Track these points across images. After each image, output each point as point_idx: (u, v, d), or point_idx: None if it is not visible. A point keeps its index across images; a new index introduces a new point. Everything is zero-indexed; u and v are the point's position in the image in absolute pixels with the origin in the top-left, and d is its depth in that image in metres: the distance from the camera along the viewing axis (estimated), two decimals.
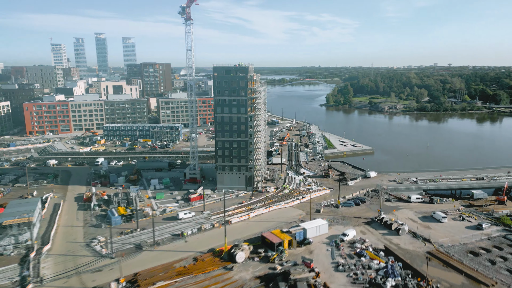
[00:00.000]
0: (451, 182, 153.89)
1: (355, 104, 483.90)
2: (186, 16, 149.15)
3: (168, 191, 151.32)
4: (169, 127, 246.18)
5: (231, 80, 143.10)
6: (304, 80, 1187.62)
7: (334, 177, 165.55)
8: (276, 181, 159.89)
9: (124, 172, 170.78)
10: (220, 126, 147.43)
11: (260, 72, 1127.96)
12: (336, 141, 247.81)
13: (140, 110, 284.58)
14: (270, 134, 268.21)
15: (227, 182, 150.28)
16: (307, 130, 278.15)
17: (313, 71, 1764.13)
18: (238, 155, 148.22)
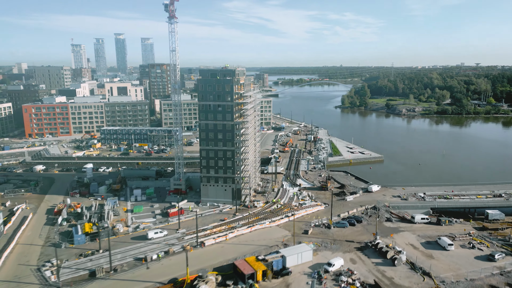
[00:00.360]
0: (464, 200, 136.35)
1: (372, 106, 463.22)
2: (170, 14, 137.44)
3: (150, 203, 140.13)
4: (167, 131, 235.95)
5: (216, 84, 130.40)
6: (323, 80, 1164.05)
7: (333, 190, 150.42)
8: (268, 194, 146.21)
9: (109, 180, 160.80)
10: (205, 133, 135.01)
11: (280, 72, 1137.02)
12: (344, 148, 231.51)
13: (142, 112, 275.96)
14: (274, 138, 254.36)
15: (212, 195, 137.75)
16: (313, 135, 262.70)
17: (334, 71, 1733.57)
18: (224, 165, 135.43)
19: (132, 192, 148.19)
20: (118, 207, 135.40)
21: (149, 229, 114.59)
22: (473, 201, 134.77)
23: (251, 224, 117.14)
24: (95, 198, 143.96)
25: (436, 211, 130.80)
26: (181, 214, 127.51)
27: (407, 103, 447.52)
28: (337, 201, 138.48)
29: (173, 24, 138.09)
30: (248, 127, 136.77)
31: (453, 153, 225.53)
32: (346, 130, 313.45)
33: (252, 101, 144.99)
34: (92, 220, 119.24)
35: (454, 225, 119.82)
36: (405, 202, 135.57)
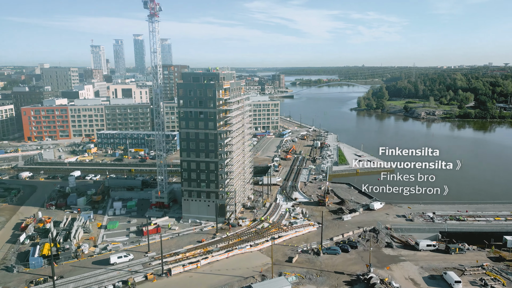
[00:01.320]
0: (479, 222, 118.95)
1: (389, 108, 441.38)
2: (150, 12, 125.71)
3: (128, 218, 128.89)
4: (166, 135, 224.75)
5: (198, 89, 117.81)
6: (341, 81, 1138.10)
7: (331, 206, 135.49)
8: (257, 210, 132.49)
9: (92, 190, 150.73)
10: (186, 143, 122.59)
11: (300, 72, 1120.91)
12: (352, 155, 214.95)
13: (143, 115, 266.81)
14: (278, 144, 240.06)
15: (194, 211, 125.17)
16: (321, 141, 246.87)
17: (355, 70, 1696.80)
18: (207, 179, 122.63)
19: (112, 205, 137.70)
20: (92, 222, 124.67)
21: (114, 251, 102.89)
22: (489, 224, 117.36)
23: (229, 248, 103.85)
24: (72, 211, 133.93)
25: (446, 235, 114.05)
26: (158, 232, 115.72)
27: (427, 105, 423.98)
28: (332, 220, 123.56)
29: (154, 23, 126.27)
30: (233, 137, 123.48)
31: (472, 163, 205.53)
32: (358, 134, 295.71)
33: (240, 108, 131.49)
34: (57, 239, 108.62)
35: (466, 253, 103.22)
36: (410, 223, 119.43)
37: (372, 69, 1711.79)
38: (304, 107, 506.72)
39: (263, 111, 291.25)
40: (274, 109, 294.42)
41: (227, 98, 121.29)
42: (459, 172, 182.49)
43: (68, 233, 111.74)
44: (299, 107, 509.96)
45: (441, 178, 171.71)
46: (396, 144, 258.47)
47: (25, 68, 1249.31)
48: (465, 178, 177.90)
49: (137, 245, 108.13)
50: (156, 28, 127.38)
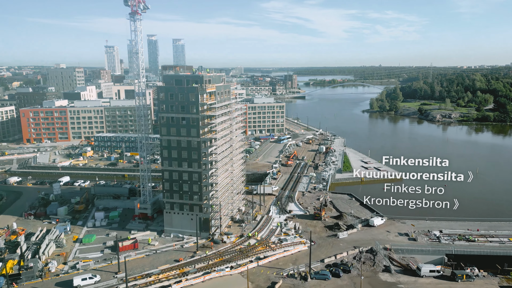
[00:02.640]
0: (492, 244, 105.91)
1: (403, 110, 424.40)
2: (131, 10, 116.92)
3: (107, 230, 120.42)
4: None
5: (179, 93, 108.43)
6: (356, 81, 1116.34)
7: (327, 221, 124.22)
8: (246, 224, 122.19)
9: (76, 198, 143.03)
10: (167, 152, 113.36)
11: (315, 72, 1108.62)
12: (357, 162, 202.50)
13: (144, 117, 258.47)
14: (281, 148, 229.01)
15: (176, 225, 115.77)
16: (326, 145, 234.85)
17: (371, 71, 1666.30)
18: (189, 190, 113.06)
19: (93, 215, 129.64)
20: (68, 234, 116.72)
21: (82, 271, 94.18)
22: (503, 246, 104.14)
23: (207, 270, 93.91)
24: (50, 221, 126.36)
25: (453, 258, 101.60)
26: (135, 248, 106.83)
27: (443, 108, 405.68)
28: (327, 237, 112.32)
29: (135, 21, 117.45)
30: (218, 145, 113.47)
31: (488, 172, 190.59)
32: (368, 139, 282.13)
33: (228, 113, 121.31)
34: (25, 254, 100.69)
35: (475, 281, 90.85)
36: (413, 244, 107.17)
37: (389, 69, 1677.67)
38: (315, 109, 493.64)
39: (267, 113, 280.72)
40: (279, 111, 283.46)
41: (212, 103, 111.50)
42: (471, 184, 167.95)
43: (38, 248, 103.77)
44: (309, 109, 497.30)
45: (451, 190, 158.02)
46: (407, 150, 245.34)
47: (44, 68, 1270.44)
48: (479, 190, 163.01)
49: (109, 263, 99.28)
50: (139, 27, 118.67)
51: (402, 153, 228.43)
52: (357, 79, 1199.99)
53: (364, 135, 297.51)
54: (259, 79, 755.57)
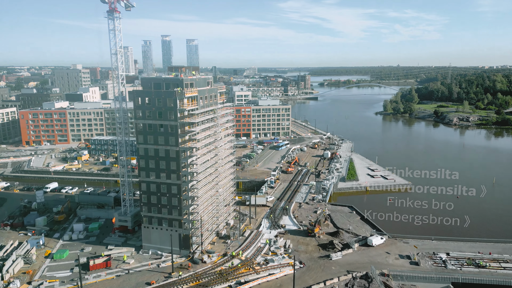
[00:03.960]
0: (505, 271, 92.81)
1: (418, 113, 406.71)
2: (109, 7, 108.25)
3: (83, 244, 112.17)
4: None
5: (156, 98, 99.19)
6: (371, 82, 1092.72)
7: (322, 238, 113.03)
8: (232, 241, 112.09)
9: (58, 207, 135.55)
10: (144, 161, 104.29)
11: (331, 72, 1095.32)
12: (364, 169, 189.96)
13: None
14: (284, 153, 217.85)
15: (155, 241, 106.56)
16: (332, 150, 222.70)
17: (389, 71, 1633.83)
18: (168, 204, 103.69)
19: (72, 227, 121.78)
20: (41, 249, 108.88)
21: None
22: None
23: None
24: (26, 233, 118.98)
25: (460, 286, 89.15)
26: (107, 267, 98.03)
27: (460, 110, 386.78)
28: (318, 258, 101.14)
29: (113, 20, 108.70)
30: (200, 154, 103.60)
31: (507, 183, 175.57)
32: (377, 143, 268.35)
33: (213, 119, 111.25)
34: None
35: None
36: (415, 269, 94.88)
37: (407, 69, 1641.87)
38: (326, 110, 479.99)
39: (272, 116, 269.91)
40: (285, 113, 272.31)
41: (193, 108, 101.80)
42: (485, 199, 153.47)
43: (2, 265, 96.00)
44: (321, 110, 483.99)
45: (462, 206, 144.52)
46: (419, 156, 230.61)
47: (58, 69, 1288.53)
48: (494, 206, 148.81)
49: (75, 285, 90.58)
50: (118, 26, 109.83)
51: (412, 161, 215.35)
52: (373, 80, 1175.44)
53: (375, 139, 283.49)
54: (272, 80, 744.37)
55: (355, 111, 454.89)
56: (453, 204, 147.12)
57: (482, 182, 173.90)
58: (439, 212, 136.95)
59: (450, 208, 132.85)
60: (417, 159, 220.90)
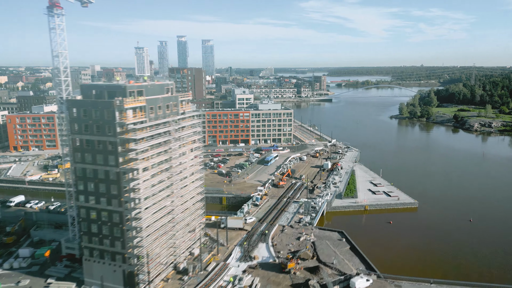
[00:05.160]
0: None
1: (436, 117, 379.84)
2: (49, 3, 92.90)
3: (23, 276, 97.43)
4: None
5: (93, 109, 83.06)
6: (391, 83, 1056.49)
7: (298, 275, 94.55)
8: (191, 276, 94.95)
9: (13, 226, 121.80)
10: (83, 183, 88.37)
11: (351, 72, 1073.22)
12: (365, 183, 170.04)
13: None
14: (281, 163, 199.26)
15: (97, 276, 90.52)
16: (335, 160, 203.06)
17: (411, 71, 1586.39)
18: (110, 234, 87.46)
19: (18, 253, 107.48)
20: None
21: None
22: None
23: None
24: None
25: None
26: None
27: (483, 115, 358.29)
28: None
29: (54, 17, 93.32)
30: (147, 177, 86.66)
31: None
32: (387, 152, 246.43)
33: (165, 133, 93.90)
34: None
35: None
36: None
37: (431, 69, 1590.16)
38: (339, 113, 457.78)
39: (273, 121, 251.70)
40: (286, 118, 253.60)
41: (138, 121, 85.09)
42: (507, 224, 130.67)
43: None
44: (333, 113, 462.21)
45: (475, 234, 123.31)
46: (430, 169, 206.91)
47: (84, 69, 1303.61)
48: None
49: None
50: (60, 24, 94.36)
51: (423, 174, 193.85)
52: (392, 81, 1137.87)
53: (384, 147, 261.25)
54: (285, 81, 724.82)
55: (368, 115, 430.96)
56: (464, 230, 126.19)
57: (502, 203, 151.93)
58: (446, 241, 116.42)
59: (460, 237, 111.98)
60: (429, 172, 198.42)
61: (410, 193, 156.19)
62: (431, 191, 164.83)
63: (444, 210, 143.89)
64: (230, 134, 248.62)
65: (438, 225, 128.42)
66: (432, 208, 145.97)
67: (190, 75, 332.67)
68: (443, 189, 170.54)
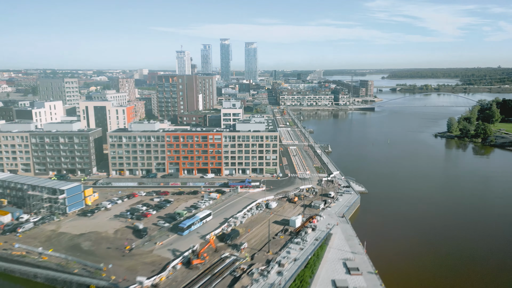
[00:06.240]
0: None
1: (495, 138, 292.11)
2: None
3: None
4: (50, 190, 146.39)
5: None
6: (455, 87, 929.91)
7: None
8: None
9: None
10: None
11: (414, 75, 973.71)
12: (335, 267, 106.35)
13: (80, 147, 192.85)
14: (229, 216, 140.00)
15: None
16: (312, 211, 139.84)
17: (485, 72, 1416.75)
18: None
19: None
20: None
21: None
22: None
23: None
24: None
25: None
26: None
27: None
28: None
29: None
30: None
31: None
32: (402, 200, 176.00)
33: None
34: None
35: None
36: None
37: (509, 71, 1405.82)
38: (373, 127, 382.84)
39: (253, 145, 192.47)
40: (270, 143, 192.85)
41: None
42: None
43: None
44: (366, 127, 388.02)
45: None
46: (452, 243, 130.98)
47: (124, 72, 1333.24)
48: None
49: None
50: None
51: (440, 251, 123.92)
52: (458, 85, 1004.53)
53: (403, 188, 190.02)
54: (325, 85, 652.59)
55: (408, 130, 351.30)
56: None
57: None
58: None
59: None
60: (452, 247, 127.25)
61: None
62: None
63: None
64: (197, 162, 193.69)
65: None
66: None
67: (182, 83, 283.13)
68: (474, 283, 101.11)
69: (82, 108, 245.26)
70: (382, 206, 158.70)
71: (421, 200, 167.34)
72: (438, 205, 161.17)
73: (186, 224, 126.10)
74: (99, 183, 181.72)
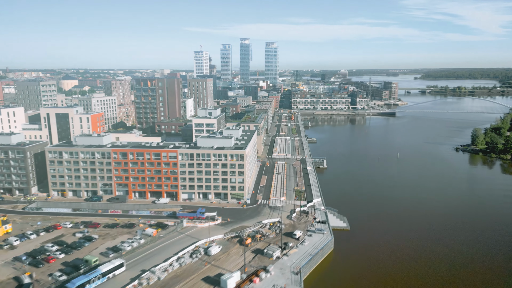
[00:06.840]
0: None
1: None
2: None
3: None
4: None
5: None
6: (492, 90, 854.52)
7: None
8: None
9: None
10: None
11: (450, 75, 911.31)
12: None
13: (17, 163, 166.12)
14: (166, 257, 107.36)
15: None
16: (262, 262, 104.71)
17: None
18: None
19: None
20: None
21: None
22: None
23: None
24: None
25: None
26: None
27: None
28: None
29: None
30: None
31: None
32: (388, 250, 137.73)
33: None
34: None
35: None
36: None
37: None
38: (389, 136, 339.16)
39: (215, 165, 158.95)
40: (235, 163, 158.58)
41: None
42: None
43: None
44: (380, 136, 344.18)
45: None
46: None
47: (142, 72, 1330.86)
48: None
49: None
50: None
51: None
52: (496, 87, 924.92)
53: (398, 224, 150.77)
54: (344, 87, 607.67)
55: (428, 141, 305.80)
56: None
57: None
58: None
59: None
60: None
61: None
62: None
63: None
64: (149, 184, 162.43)
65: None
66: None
67: (162, 87, 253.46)
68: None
69: (43, 116, 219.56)
70: (364, 252, 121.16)
71: (418, 252, 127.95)
72: (448, 264, 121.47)
73: (76, 284, 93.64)
74: (29, 207, 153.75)
